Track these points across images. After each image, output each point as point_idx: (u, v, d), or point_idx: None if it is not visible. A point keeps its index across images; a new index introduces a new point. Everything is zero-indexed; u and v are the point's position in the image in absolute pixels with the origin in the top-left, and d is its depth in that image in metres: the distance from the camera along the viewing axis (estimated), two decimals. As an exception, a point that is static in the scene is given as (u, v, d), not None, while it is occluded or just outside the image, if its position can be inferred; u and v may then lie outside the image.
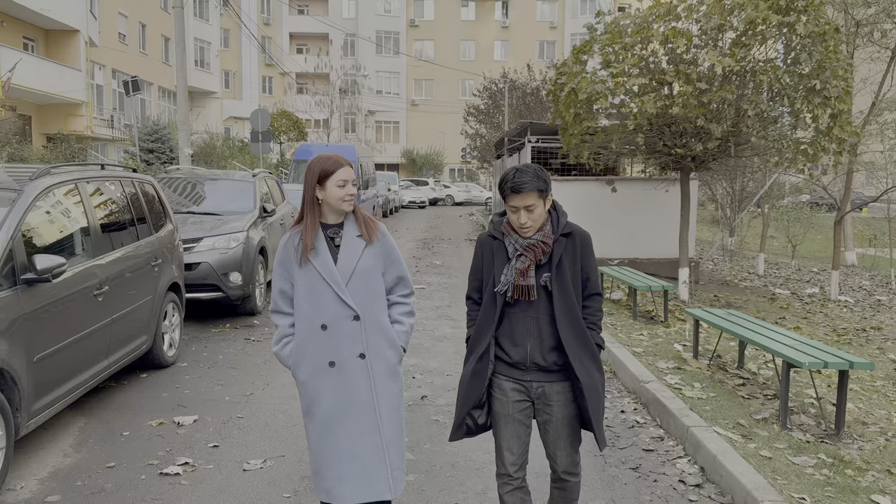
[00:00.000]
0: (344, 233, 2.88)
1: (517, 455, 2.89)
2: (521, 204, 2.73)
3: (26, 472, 4.01)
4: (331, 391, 2.83)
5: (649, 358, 6.40)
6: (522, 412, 2.86)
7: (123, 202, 5.65)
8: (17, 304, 3.90)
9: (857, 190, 28.32)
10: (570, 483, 2.96)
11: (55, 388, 4.29)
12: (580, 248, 2.84)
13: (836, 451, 4.32)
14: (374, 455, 2.84)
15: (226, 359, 6.47)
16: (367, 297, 2.86)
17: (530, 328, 2.81)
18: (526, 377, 2.83)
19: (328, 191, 2.81)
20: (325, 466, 2.86)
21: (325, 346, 2.83)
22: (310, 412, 2.90)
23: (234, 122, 43.76)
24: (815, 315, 10.64)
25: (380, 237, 2.93)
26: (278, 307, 2.94)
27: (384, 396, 2.87)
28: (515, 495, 2.92)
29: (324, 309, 2.82)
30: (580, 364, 2.76)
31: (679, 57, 9.05)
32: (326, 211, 2.87)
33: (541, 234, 2.80)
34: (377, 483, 2.84)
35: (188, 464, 4.14)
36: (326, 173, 2.81)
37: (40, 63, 23.37)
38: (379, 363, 2.88)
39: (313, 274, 2.82)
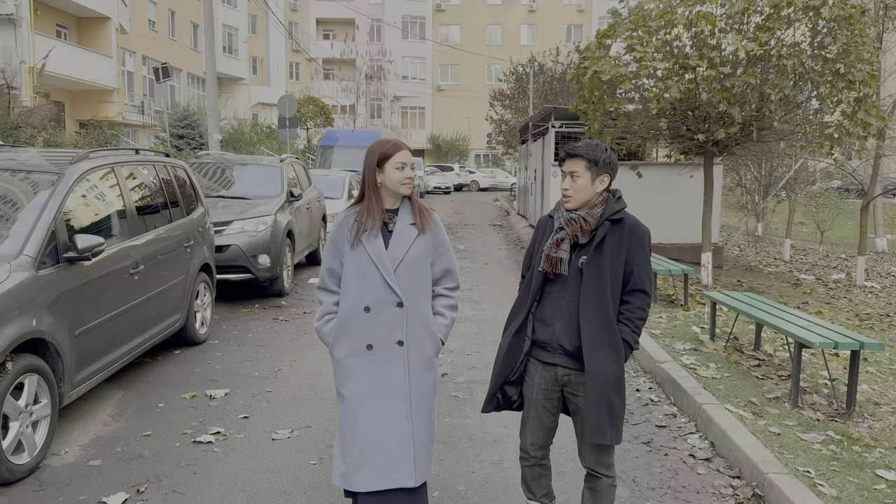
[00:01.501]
0: (398, 219, 2.88)
1: (538, 438, 2.96)
2: (568, 169, 2.79)
3: (69, 439, 4.27)
4: (364, 374, 2.84)
5: (667, 339, 6.51)
6: (548, 400, 2.90)
7: (157, 186, 5.89)
8: (60, 281, 4.15)
9: (891, 176, 27.79)
10: (601, 483, 2.91)
11: (95, 360, 4.54)
12: (629, 239, 2.77)
13: (845, 428, 4.41)
14: (399, 443, 2.81)
15: (255, 337, 6.72)
16: (412, 286, 2.85)
17: (561, 310, 2.82)
18: (552, 359, 2.85)
19: (387, 174, 2.82)
20: (346, 450, 2.85)
21: (365, 328, 2.83)
22: (341, 392, 2.91)
23: (261, 109, 44.19)
24: (838, 300, 10.60)
25: (432, 227, 2.93)
26: (325, 284, 2.94)
27: (417, 386, 2.86)
28: (535, 470, 3.04)
29: (369, 292, 2.82)
30: (594, 353, 2.72)
31: (703, 41, 9.05)
32: (385, 194, 2.87)
33: (586, 212, 2.79)
34: (399, 470, 2.81)
35: (220, 433, 4.38)
36: (385, 156, 2.81)
37: (73, 50, 23.87)
38: (416, 352, 2.87)
39: (363, 256, 2.83)
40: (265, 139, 30.86)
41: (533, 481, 3.06)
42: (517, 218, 21.24)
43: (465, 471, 3.95)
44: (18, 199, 4.42)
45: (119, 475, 3.80)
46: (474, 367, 5.94)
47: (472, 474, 3.91)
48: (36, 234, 4.07)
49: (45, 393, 3.94)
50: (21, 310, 3.75)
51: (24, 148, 5.54)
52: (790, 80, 8.93)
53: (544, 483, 3.07)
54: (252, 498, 3.56)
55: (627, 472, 3.96)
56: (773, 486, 3.53)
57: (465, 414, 4.84)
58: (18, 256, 3.92)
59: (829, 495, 3.46)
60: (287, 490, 3.65)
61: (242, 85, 42.39)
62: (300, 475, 3.83)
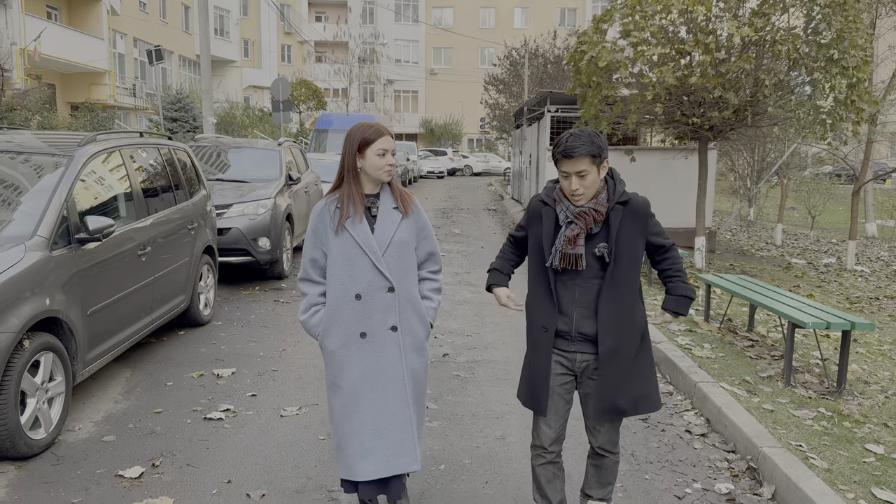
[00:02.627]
0: (380, 203, 2.84)
1: (554, 430, 2.87)
2: (573, 170, 2.64)
3: (82, 416, 4.37)
4: (359, 363, 2.80)
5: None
6: (563, 386, 2.84)
7: (161, 168, 5.95)
8: (72, 261, 4.23)
9: (882, 161, 28.00)
10: (607, 460, 2.94)
11: (105, 340, 4.63)
12: (640, 215, 2.74)
13: (835, 406, 4.57)
14: (401, 429, 2.81)
15: (258, 318, 6.82)
16: (400, 270, 2.83)
17: (577, 297, 2.75)
18: (571, 347, 2.79)
19: (368, 159, 2.77)
20: (347, 441, 2.82)
21: (357, 316, 2.79)
22: (335, 384, 2.85)
23: (253, 91, 43.93)
24: (829, 284, 10.79)
25: (414, 210, 2.90)
26: (308, 275, 2.89)
27: (411, 370, 2.86)
28: (548, 469, 2.91)
29: (359, 278, 2.77)
30: (613, 337, 2.72)
31: (698, 26, 9.13)
32: (364, 180, 2.82)
33: (594, 202, 2.70)
34: (403, 455, 2.82)
35: (229, 410, 4.49)
36: (367, 142, 2.76)
37: (64, 32, 23.66)
38: (409, 337, 2.86)
39: (349, 242, 2.78)
40: (257, 122, 30.75)
41: (547, 483, 2.92)
42: (511, 202, 21.34)
43: (469, 445, 4.08)
44: (27, 181, 4.48)
45: (133, 450, 3.91)
46: (474, 348, 6.07)
47: (476, 449, 4.04)
48: (48, 215, 4.14)
49: (59, 370, 4.03)
50: (36, 289, 3.83)
51: (19, 131, 5.56)
52: (784, 65, 9.04)
53: (558, 486, 2.95)
54: (265, 471, 3.68)
55: (626, 447, 4.09)
56: (766, 459, 3.67)
57: (466, 392, 4.97)
58: (33, 237, 3.99)
59: (820, 467, 3.60)
60: (298, 464, 3.77)
61: (234, 67, 42.10)
62: (310, 450, 3.95)
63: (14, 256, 3.81)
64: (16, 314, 3.64)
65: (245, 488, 3.49)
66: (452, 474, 3.71)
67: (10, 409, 3.57)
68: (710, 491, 3.61)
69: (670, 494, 3.57)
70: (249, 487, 3.50)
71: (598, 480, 2.98)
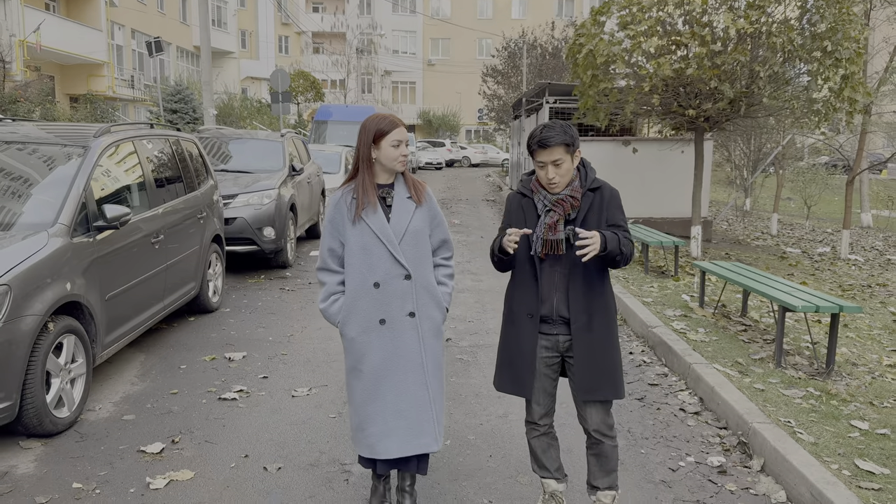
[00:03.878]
0: (395, 193, 2.92)
1: (543, 406, 3.01)
2: (549, 159, 2.77)
3: (101, 397, 4.55)
4: (380, 348, 2.89)
5: (658, 307, 6.84)
6: (549, 367, 2.96)
7: (171, 159, 6.11)
8: (91, 248, 4.40)
9: (878, 151, 28.21)
10: (605, 446, 2.99)
11: (122, 324, 4.81)
12: (608, 203, 2.86)
13: (824, 385, 4.76)
14: (421, 409, 2.91)
15: (265, 305, 7.00)
16: (416, 258, 2.91)
17: (556, 282, 2.87)
18: (553, 330, 2.91)
19: (382, 150, 2.85)
20: (369, 422, 2.91)
21: (376, 304, 2.87)
22: (356, 368, 2.94)
23: (251, 83, 43.97)
24: (823, 272, 10.98)
25: (427, 199, 2.99)
26: (327, 265, 2.96)
27: (430, 354, 2.95)
28: (542, 440, 3.08)
29: (377, 267, 2.86)
30: (585, 315, 2.84)
31: (695, 18, 9.27)
32: (379, 170, 2.90)
33: (569, 189, 2.83)
34: (424, 436, 2.92)
35: (243, 391, 4.67)
36: (382, 133, 2.84)
37: (62, 23, 23.71)
38: (426, 322, 2.95)
39: (366, 232, 2.86)
40: (255, 114, 30.83)
41: (542, 453, 3.07)
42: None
43: (473, 423, 4.27)
44: (46, 171, 4.65)
45: (153, 428, 4.09)
46: (476, 333, 6.25)
47: (479, 426, 4.23)
48: (68, 203, 4.31)
49: (80, 352, 4.21)
50: (58, 274, 4.01)
51: (21, 122, 5.67)
52: (779, 57, 9.20)
53: (553, 455, 3.10)
54: (280, 447, 3.87)
55: (623, 425, 4.29)
56: (756, 434, 3.87)
57: (469, 374, 5.16)
58: (54, 225, 4.16)
59: (807, 441, 3.80)
60: (311, 440, 3.96)
61: (231, 59, 42.10)
62: (322, 427, 4.13)
63: (38, 243, 3.98)
64: (40, 298, 3.82)
65: (262, 462, 3.68)
66: (458, 449, 3.90)
67: (37, 388, 3.75)
68: (703, 464, 3.80)
69: (665, 467, 3.76)
70: (266, 461, 3.69)
71: (600, 469, 3.03)
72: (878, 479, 3.44)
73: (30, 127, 5.33)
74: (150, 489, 3.38)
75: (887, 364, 5.51)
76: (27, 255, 3.85)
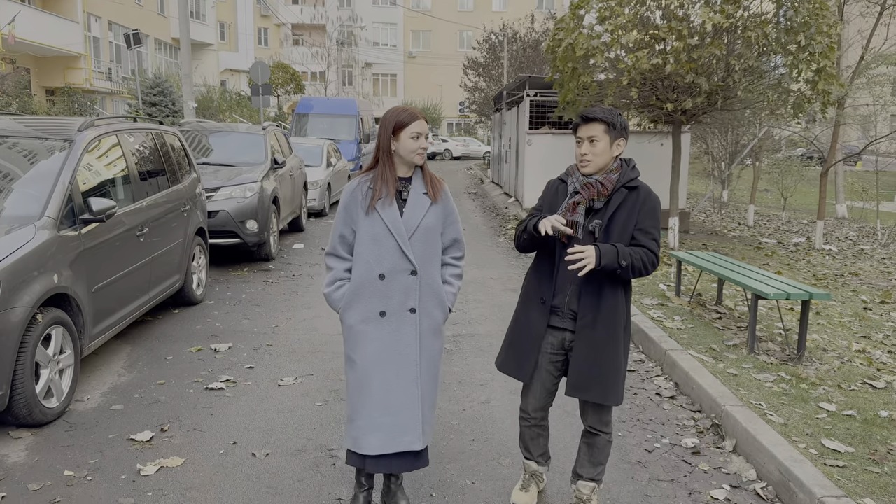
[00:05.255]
0: (411, 187, 2.91)
1: (539, 400, 3.04)
2: (586, 134, 2.78)
3: (89, 388, 4.60)
4: (377, 340, 2.89)
5: (636, 296, 7.00)
6: (552, 364, 2.96)
7: (155, 152, 6.14)
8: (78, 241, 4.44)
9: (853, 143, 28.66)
10: (599, 439, 3.02)
11: (108, 316, 4.85)
12: (641, 206, 2.80)
13: (794, 370, 4.94)
14: (408, 407, 2.90)
15: (248, 298, 7.06)
16: (425, 254, 2.90)
17: (573, 275, 2.83)
18: (562, 324, 2.90)
19: (402, 142, 2.85)
20: (357, 414, 2.91)
21: (379, 295, 2.87)
22: (351, 358, 2.94)
23: (230, 75, 43.64)
24: (798, 262, 11.22)
25: (443, 197, 2.97)
26: (336, 251, 2.95)
27: (426, 352, 2.94)
28: (533, 430, 3.15)
29: (384, 259, 2.85)
30: (592, 313, 2.82)
31: (672, 13, 9.43)
32: (398, 162, 2.90)
33: (602, 176, 2.81)
34: (408, 434, 2.90)
35: (230, 381, 4.75)
36: (401, 125, 2.84)
37: (38, 15, 23.40)
38: (427, 320, 2.93)
39: (378, 223, 2.85)
40: (235, 106, 30.65)
41: (531, 441, 3.17)
42: (492, 186, 21.61)
43: (456, 409, 4.38)
44: (30, 165, 4.67)
45: (141, 417, 4.16)
46: (459, 323, 6.37)
47: (463, 412, 4.35)
48: (55, 196, 4.35)
49: (68, 344, 4.26)
50: (46, 267, 4.05)
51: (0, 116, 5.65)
52: (754, 51, 9.38)
53: (541, 443, 3.19)
54: (267, 434, 3.95)
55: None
56: (728, 416, 4.02)
57: (453, 363, 5.27)
58: (41, 217, 4.20)
59: (776, 422, 3.96)
60: (299, 427, 4.05)
61: (210, 51, 41.74)
62: (309, 414, 4.23)
63: (25, 236, 4.02)
64: (29, 290, 3.86)
65: (250, 448, 3.77)
66: (442, 434, 4.01)
67: (27, 379, 3.80)
68: (678, 445, 3.95)
69: (641, 449, 3.90)
70: (254, 448, 3.78)
71: (589, 460, 3.06)
72: (843, 456, 3.60)
73: (8, 121, 5.32)
74: (141, 475, 3.46)
75: (856, 349, 5.70)
76: (15, 247, 3.89)
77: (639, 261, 2.75)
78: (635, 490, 3.45)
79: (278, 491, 3.35)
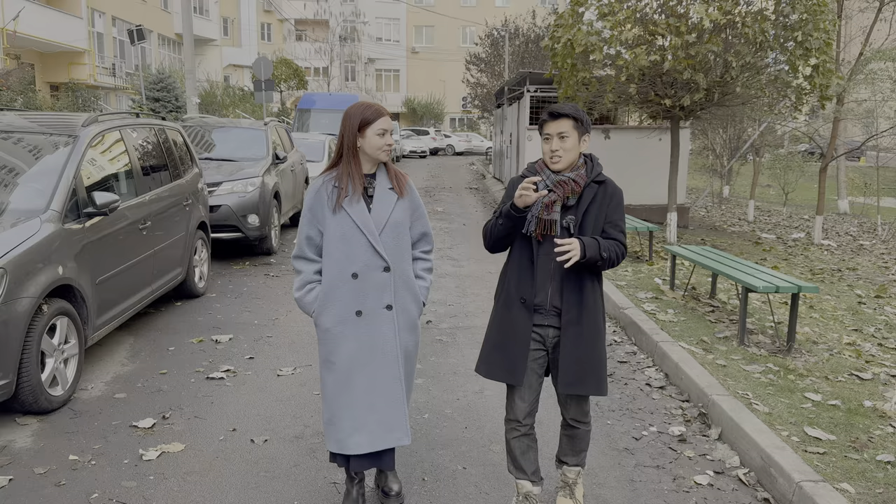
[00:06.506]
0: (377, 183, 2.88)
1: (528, 403, 2.96)
2: (555, 130, 2.78)
3: (93, 377, 4.72)
4: (354, 340, 2.85)
5: (631, 290, 7.10)
6: (536, 361, 2.92)
7: (157, 147, 6.25)
8: (82, 234, 4.56)
9: (856, 139, 28.64)
10: (580, 431, 3.05)
11: (112, 307, 4.98)
12: (609, 200, 2.84)
13: (783, 362, 5.04)
14: (393, 404, 2.88)
15: (249, 291, 7.18)
16: (396, 250, 2.87)
17: (552, 271, 2.83)
18: (544, 321, 2.88)
19: (367, 139, 2.80)
20: (339, 416, 2.87)
21: (353, 295, 2.83)
22: (329, 360, 2.90)
23: (233, 70, 43.71)
24: (795, 257, 11.30)
25: (409, 191, 2.95)
26: (303, 253, 2.91)
27: (404, 348, 2.92)
28: (522, 441, 3.01)
29: (355, 258, 2.81)
30: (576, 308, 2.82)
31: (671, 9, 9.50)
32: (363, 159, 2.85)
33: (574, 173, 2.82)
34: (395, 430, 2.89)
35: (230, 370, 4.87)
36: (367, 121, 2.80)
37: (42, 10, 23.51)
38: (403, 315, 2.92)
39: (347, 222, 2.80)
40: (238, 102, 30.74)
41: (521, 455, 3.02)
42: (493, 181, 21.70)
43: (450, 398, 4.49)
44: (35, 159, 4.79)
45: (144, 405, 4.28)
46: (455, 316, 6.48)
47: (456, 401, 4.46)
48: (60, 190, 4.47)
49: (73, 334, 4.38)
50: (51, 259, 4.17)
51: (2, 112, 5.76)
52: (752, 47, 9.45)
53: (532, 458, 3.05)
54: (266, 421, 4.07)
55: (591, 399, 4.53)
56: (715, 405, 4.12)
57: (448, 354, 5.38)
58: (46, 211, 4.32)
59: (761, 411, 4.06)
60: (296, 415, 4.17)
61: (214, 46, 41.81)
62: (307, 403, 4.34)
63: (31, 228, 4.13)
64: (34, 281, 3.98)
65: (249, 435, 3.88)
66: (435, 422, 4.13)
67: (33, 367, 3.92)
68: (665, 433, 4.06)
69: (629, 437, 4.01)
70: (253, 434, 3.89)
71: (571, 449, 3.08)
72: (824, 444, 3.71)
73: (13, 116, 5.43)
74: (143, 460, 3.58)
75: (846, 342, 5.80)
76: (21, 240, 4.01)
77: (613, 253, 2.79)
78: (621, 475, 3.56)
79: (276, 475, 3.47)
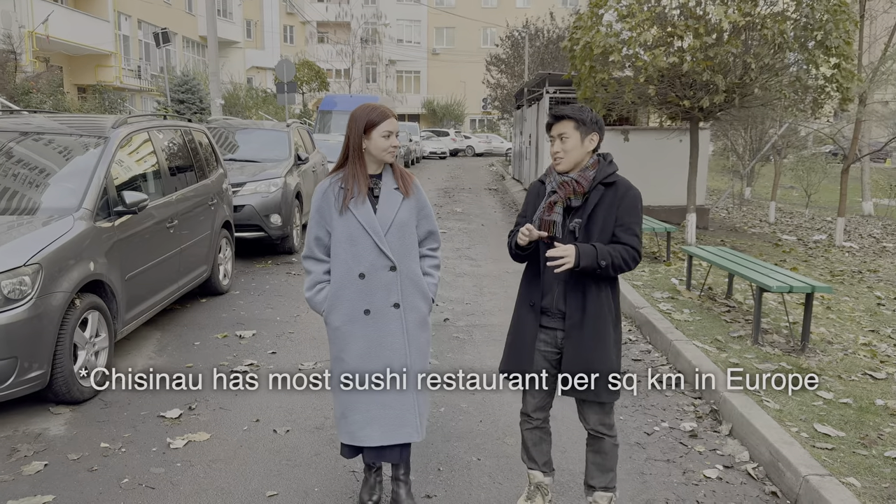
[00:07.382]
0: (382, 184, 2.93)
1: (539, 399, 3.00)
2: (556, 132, 2.81)
3: (122, 369, 4.90)
4: (363, 338, 2.91)
5: (647, 290, 7.16)
6: (547, 360, 2.94)
7: (184, 148, 6.44)
8: (112, 231, 4.74)
9: (881, 140, 28.27)
10: (605, 443, 2.96)
11: (140, 303, 5.16)
12: (620, 202, 2.78)
13: (796, 361, 5.08)
14: (404, 401, 2.93)
15: (272, 288, 7.35)
16: (402, 249, 2.92)
17: (558, 275, 2.81)
18: (552, 324, 2.90)
19: (373, 140, 2.85)
20: (352, 410, 2.93)
21: (361, 294, 2.88)
22: (340, 357, 2.96)
23: (256, 72, 44.19)
24: (816, 259, 11.24)
25: (415, 191, 2.99)
26: (313, 254, 2.97)
27: (415, 345, 2.97)
28: (535, 433, 3.07)
29: (362, 258, 2.86)
30: (579, 312, 2.81)
31: (690, 11, 9.53)
32: (368, 160, 2.91)
33: (577, 174, 2.81)
34: (406, 426, 2.94)
35: (253, 364, 5.03)
36: (372, 123, 2.84)
37: (70, 14, 24.03)
38: (412, 313, 2.95)
39: (353, 223, 2.86)
40: (261, 103, 31.11)
41: (533, 446, 3.08)
42: (512, 182, 21.77)
43: (466, 393, 4.59)
44: (68, 160, 4.98)
45: (171, 397, 4.43)
46: (472, 314, 6.59)
47: (472, 395, 4.57)
48: (91, 190, 4.65)
49: (103, 328, 4.56)
50: (83, 255, 4.35)
51: (34, 114, 5.98)
52: (771, 49, 9.44)
53: (545, 449, 3.10)
54: (288, 413, 4.22)
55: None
56: (726, 402, 4.19)
57: (465, 350, 5.50)
58: (79, 209, 4.50)
59: (772, 408, 4.13)
60: (317, 407, 4.31)
61: (237, 48, 42.31)
62: (327, 395, 4.41)
63: (64, 226, 4.32)
64: (67, 277, 4.16)
65: (272, 426, 4.03)
66: (451, 415, 4.24)
67: (66, 359, 4.10)
68: (676, 429, 4.13)
69: (640, 432, 4.10)
70: (275, 425, 4.04)
71: (598, 468, 3.00)
72: (833, 440, 3.77)
73: (44, 118, 5.64)
74: (171, 448, 3.74)
75: (862, 343, 5.82)
76: (55, 237, 4.19)
77: (619, 258, 2.74)
78: (632, 469, 3.65)
79: (297, 464, 3.60)
